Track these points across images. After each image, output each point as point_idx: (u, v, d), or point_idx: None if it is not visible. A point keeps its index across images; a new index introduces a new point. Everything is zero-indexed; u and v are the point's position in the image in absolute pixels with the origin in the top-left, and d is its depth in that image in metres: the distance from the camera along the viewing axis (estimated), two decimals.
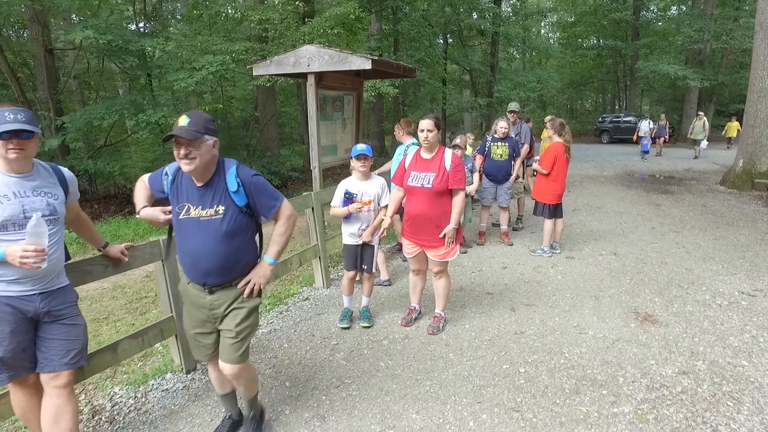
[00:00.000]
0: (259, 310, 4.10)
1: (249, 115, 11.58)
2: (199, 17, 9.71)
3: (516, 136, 6.39)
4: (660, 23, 26.49)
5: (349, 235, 3.60)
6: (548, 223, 5.32)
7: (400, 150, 5.17)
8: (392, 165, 5.31)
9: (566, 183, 5.38)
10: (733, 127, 18.13)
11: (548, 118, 9.72)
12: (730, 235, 6.13)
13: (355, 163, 3.50)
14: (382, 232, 3.57)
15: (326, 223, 5.47)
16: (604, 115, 24.91)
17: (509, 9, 19.96)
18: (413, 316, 3.75)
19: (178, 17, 15.62)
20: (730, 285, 4.39)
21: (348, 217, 3.54)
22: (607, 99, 36.75)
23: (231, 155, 3.45)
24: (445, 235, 3.25)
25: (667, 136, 15.91)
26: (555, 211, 5.31)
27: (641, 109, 32.55)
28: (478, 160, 5.81)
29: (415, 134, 4.52)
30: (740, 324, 3.61)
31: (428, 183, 3.22)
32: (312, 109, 4.95)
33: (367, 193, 3.54)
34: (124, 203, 9.21)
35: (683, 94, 23.36)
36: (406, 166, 3.39)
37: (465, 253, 5.54)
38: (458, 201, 3.24)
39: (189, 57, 7.90)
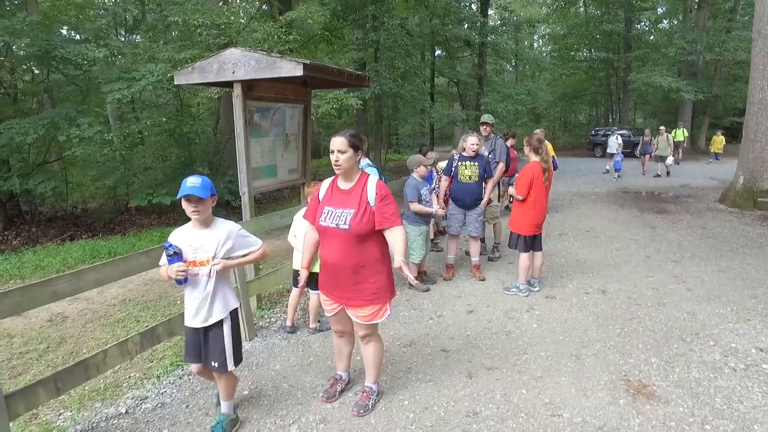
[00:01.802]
0: (153, 375, 3.26)
1: (213, 128, 10.84)
2: (154, 27, 9.01)
3: (490, 153, 5.61)
4: (651, 37, 26.13)
5: (188, 312, 2.43)
6: (524, 258, 4.50)
7: None
8: None
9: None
10: (717, 142, 17.24)
11: (538, 131, 9.03)
12: (736, 266, 5.32)
13: (185, 206, 2.31)
14: (301, 287, 2.74)
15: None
16: (597, 128, 24.31)
17: (497, 19, 19.42)
18: (338, 389, 2.89)
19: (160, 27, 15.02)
20: (745, 338, 3.56)
21: (180, 282, 2.34)
22: (601, 112, 36.33)
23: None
24: (377, 293, 2.46)
25: (652, 153, 14.30)
26: (533, 243, 4.50)
27: (635, 122, 32.12)
28: (444, 183, 5.01)
29: (368, 154, 3.75)
30: (765, 400, 2.77)
31: (344, 223, 2.40)
32: (239, 124, 4.15)
33: (202, 248, 2.34)
34: (68, 226, 8.37)
35: (677, 106, 22.83)
36: (320, 197, 2.58)
37: (427, 290, 4.70)
38: (398, 238, 2.39)
39: (130, 67, 7.16)
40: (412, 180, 4.60)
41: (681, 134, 17.06)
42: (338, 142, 2.39)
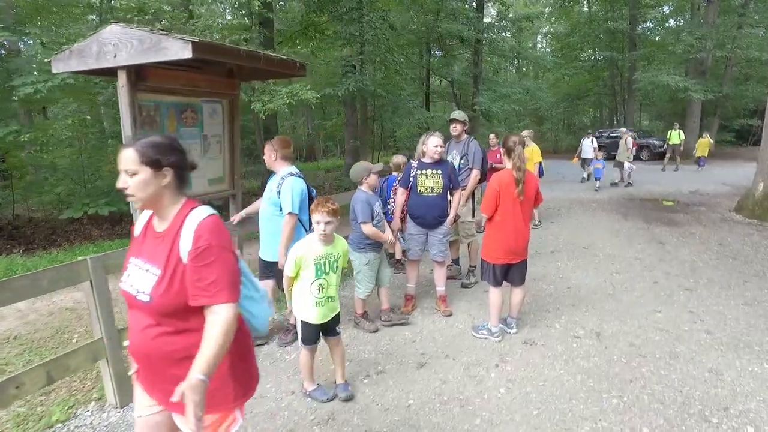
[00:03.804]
0: None
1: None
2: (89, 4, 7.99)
3: (462, 158, 4.65)
4: (657, 37, 25.01)
5: None
6: (494, 294, 3.52)
7: (270, 184, 3.45)
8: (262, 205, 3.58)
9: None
10: (703, 145, 15.41)
11: (525, 132, 8.04)
12: (765, 297, 4.31)
13: None
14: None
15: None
16: (601, 130, 23.23)
17: (495, 15, 18.42)
18: None
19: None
20: None
21: None
22: (605, 114, 35.24)
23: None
24: (212, 396, 1.44)
25: (631, 158, 12.34)
26: (506, 274, 3.53)
27: (640, 124, 31.02)
28: (400, 197, 4.04)
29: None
30: None
31: (144, 291, 1.45)
32: (126, 123, 3.24)
33: None
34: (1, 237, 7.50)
35: (684, 107, 21.72)
36: (136, 233, 1.63)
37: (376, 332, 3.74)
38: (216, 329, 1.38)
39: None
40: (361, 194, 3.60)
41: (676, 136, 15.43)
42: (125, 158, 1.43)
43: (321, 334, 2.77)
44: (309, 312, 2.64)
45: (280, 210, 3.34)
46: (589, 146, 12.49)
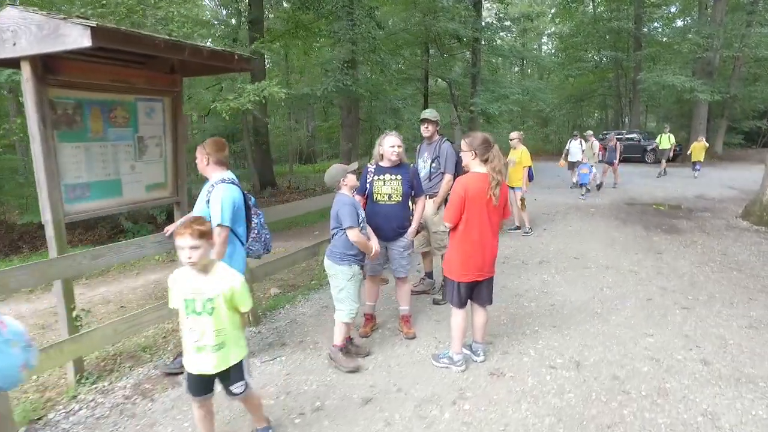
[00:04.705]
0: None
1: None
2: None
3: (434, 161, 4.22)
4: (665, 39, 24.32)
5: None
6: (456, 317, 3.07)
7: (202, 193, 3.03)
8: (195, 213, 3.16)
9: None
10: (698, 149, 13.61)
11: (514, 134, 7.53)
12: None
13: None
14: None
15: (85, 310, 3.32)
16: (605, 132, 22.66)
17: (494, 14, 17.93)
18: None
19: None
20: None
21: None
22: (611, 115, 34.58)
23: None
24: None
25: (617, 161, 11.74)
26: (472, 293, 3.09)
27: (646, 125, 30.40)
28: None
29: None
30: None
31: None
32: (33, 122, 2.83)
33: None
34: None
35: (691, 109, 21.08)
36: None
37: (356, 371, 3.28)
38: None
39: None
40: (344, 197, 3.10)
41: (666, 140, 14.18)
42: None
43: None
44: (187, 357, 2.11)
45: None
46: (577, 148, 11.48)
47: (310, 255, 4.71)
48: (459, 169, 4.28)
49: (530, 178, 7.22)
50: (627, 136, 21.00)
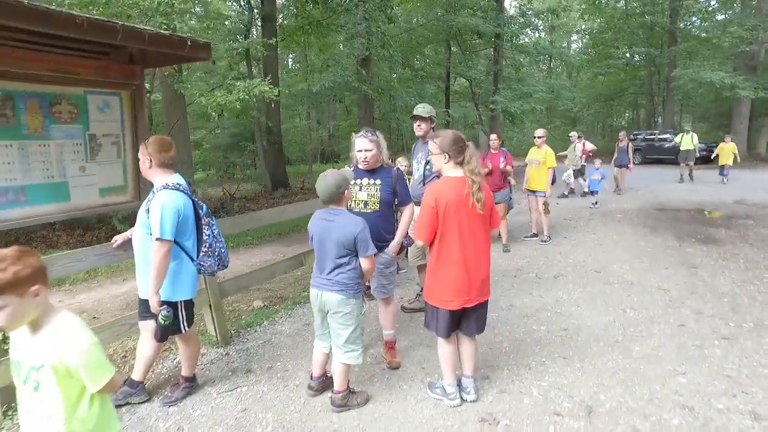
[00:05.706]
0: None
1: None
2: None
3: (427, 163, 3.71)
4: (703, 34, 22.82)
5: None
6: (442, 347, 2.57)
7: (144, 200, 2.62)
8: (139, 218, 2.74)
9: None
10: (726, 151, 12.14)
11: (539, 131, 6.96)
12: None
13: None
14: None
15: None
16: (636, 132, 21.47)
17: (516, 9, 17.17)
18: None
19: None
20: None
21: None
22: (642, 115, 33.05)
23: None
24: None
25: (631, 165, 10.82)
26: (459, 321, 2.57)
27: (680, 126, 28.87)
28: None
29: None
30: None
31: None
32: None
33: None
34: None
35: (731, 107, 19.71)
36: None
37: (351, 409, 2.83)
38: None
39: None
40: (352, 216, 2.55)
41: (689, 141, 12.62)
42: None
43: None
44: None
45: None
46: (581, 150, 10.65)
47: (293, 266, 4.26)
48: None
49: (553, 181, 6.62)
50: (659, 136, 19.86)
